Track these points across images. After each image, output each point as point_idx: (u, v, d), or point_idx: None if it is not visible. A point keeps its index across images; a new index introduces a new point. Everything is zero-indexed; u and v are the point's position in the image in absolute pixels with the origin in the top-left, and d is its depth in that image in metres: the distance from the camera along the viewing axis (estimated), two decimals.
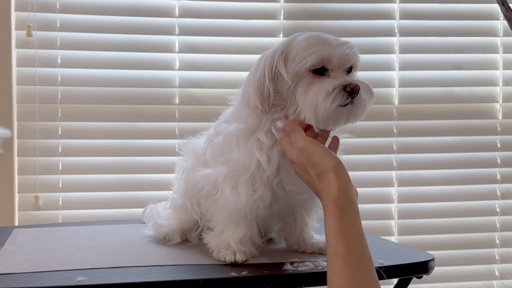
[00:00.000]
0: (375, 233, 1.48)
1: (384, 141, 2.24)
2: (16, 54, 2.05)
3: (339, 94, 0.99)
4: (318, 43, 1.02)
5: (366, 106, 1.03)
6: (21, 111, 2.05)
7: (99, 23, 2.08)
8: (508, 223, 2.33)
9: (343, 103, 0.99)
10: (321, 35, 1.04)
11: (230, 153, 1.08)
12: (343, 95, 0.99)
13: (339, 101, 0.99)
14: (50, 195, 2.07)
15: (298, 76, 1.02)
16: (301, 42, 1.03)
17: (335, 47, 1.02)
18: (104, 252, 1.16)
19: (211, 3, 2.13)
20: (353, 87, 1.00)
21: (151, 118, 2.11)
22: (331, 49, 1.02)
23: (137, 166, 2.11)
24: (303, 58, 1.01)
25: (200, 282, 0.99)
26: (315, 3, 2.19)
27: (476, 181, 2.31)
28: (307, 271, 1.03)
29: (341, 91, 0.99)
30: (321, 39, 1.03)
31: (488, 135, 2.31)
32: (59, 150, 2.06)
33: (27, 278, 0.99)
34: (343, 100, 0.99)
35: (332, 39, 1.04)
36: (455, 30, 2.28)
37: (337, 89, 0.99)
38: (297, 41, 1.03)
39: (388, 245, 1.30)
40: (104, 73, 2.09)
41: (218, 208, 1.11)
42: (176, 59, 2.12)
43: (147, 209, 1.43)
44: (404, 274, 1.12)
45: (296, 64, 1.02)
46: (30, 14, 2.03)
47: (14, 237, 1.32)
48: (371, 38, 2.22)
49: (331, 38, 1.04)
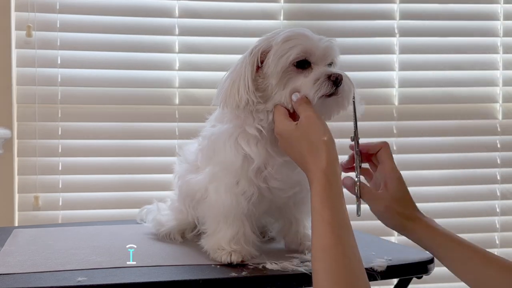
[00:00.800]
0: (375, 233, 1.48)
1: None
2: (16, 54, 2.05)
3: (324, 83, 1.01)
4: (299, 37, 1.04)
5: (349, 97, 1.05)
6: (21, 111, 2.05)
7: (99, 23, 2.08)
8: (508, 224, 2.33)
9: (328, 92, 1.01)
10: (301, 30, 1.06)
11: (217, 155, 1.09)
12: (328, 84, 1.01)
13: (324, 90, 1.01)
14: (50, 195, 2.07)
15: (281, 71, 1.03)
16: (281, 37, 1.04)
17: (316, 41, 1.04)
18: (104, 252, 1.16)
19: (211, 3, 2.13)
20: (337, 76, 1.01)
21: (151, 118, 2.11)
22: (313, 42, 1.04)
23: (137, 166, 2.11)
24: (286, 52, 1.03)
25: (200, 282, 0.99)
26: (315, 3, 2.19)
27: (476, 181, 2.31)
28: (307, 271, 1.03)
29: (326, 80, 1.01)
30: (302, 34, 1.05)
31: (488, 135, 2.31)
32: (59, 150, 2.06)
33: (27, 278, 0.99)
34: (328, 89, 1.01)
35: (312, 33, 1.05)
36: (455, 30, 2.28)
37: (321, 78, 1.01)
38: (277, 37, 1.05)
39: (388, 245, 1.30)
40: (104, 73, 2.09)
41: (207, 210, 1.12)
42: (176, 59, 2.12)
43: (144, 209, 1.44)
44: (404, 274, 1.12)
45: (278, 59, 1.03)
46: (30, 14, 2.03)
47: (14, 237, 1.32)
48: (371, 38, 2.22)
49: (311, 33, 1.06)
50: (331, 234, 0.89)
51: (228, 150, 1.07)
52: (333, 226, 0.90)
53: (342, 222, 0.91)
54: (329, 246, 0.88)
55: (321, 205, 0.92)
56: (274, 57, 1.03)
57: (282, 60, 1.03)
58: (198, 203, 1.16)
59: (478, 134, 2.30)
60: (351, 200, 1.05)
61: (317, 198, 0.93)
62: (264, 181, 1.08)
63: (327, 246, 0.88)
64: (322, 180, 0.93)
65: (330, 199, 0.92)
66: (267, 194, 1.10)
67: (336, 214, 0.91)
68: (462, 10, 2.29)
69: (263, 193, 1.09)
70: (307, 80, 1.02)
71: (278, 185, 1.08)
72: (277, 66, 1.03)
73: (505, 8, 2.30)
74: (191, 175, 1.16)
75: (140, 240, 1.29)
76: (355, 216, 1.02)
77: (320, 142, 0.96)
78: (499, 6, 2.30)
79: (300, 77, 1.03)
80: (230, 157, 1.06)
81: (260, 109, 1.05)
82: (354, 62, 2.16)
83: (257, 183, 1.07)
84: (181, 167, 1.24)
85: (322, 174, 0.94)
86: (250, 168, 1.06)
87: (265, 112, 1.05)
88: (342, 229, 0.90)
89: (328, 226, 0.90)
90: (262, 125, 1.06)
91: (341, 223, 0.91)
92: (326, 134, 0.97)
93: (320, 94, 1.01)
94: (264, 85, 1.05)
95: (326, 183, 0.93)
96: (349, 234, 0.91)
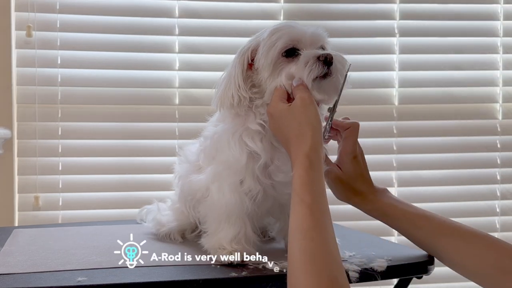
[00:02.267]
0: (375, 233, 1.48)
1: (384, 142, 2.23)
2: (16, 54, 2.05)
3: (314, 64, 1.01)
4: (284, 28, 1.05)
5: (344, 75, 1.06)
6: (21, 111, 2.05)
7: (99, 23, 2.08)
8: (508, 224, 2.33)
9: (321, 73, 1.02)
10: (286, 22, 1.08)
11: (220, 154, 1.10)
12: (318, 64, 1.01)
13: (316, 71, 1.01)
14: (50, 195, 2.07)
15: (272, 63, 1.04)
16: (268, 32, 1.06)
17: (302, 29, 1.05)
18: (104, 252, 1.16)
19: (211, 3, 2.13)
20: (326, 55, 1.02)
21: (151, 118, 2.11)
22: (299, 30, 1.05)
23: (137, 166, 2.11)
24: (273, 44, 1.04)
25: (200, 282, 0.99)
26: (315, 3, 2.19)
27: (476, 182, 2.31)
28: None
29: (316, 61, 1.01)
30: (287, 25, 1.07)
31: (488, 135, 2.31)
32: (59, 150, 2.06)
33: (27, 278, 0.99)
34: (320, 69, 1.01)
35: (298, 23, 1.07)
36: (455, 31, 2.28)
37: (311, 61, 1.01)
38: (264, 34, 1.06)
39: (388, 245, 1.30)
40: (104, 73, 2.09)
41: (209, 209, 1.12)
42: (176, 59, 2.12)
43: (144, 209, 1.44)
44: (404, 274, 1.12)
45: (267, 52, 1.04)
46: (30, 15, 2.03)
47: (14, 237, 1.32)
48: (371, 38, 2.22)
49: (296, 23, 1.07)
50: (310, 217, 0.89)
51: (233, 148, 1.07)
52: (313, 210, 0.90)
53: (322, 207, 0.92)
54: (307, 228, 0.88)
55: (302, 188, 0.92)
56: (263, 51, 1.05)
57: (271, 52, 1.04)
58: (198, 202, 1.16)
59: (478, 134, 2.30)
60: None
61: (299, 180, 0.93)
62: (269, 177, 1.08)
63: (305, 228, 0.88)
64: (305, 163, 0.94)
65: (312, 183, 0.93)
66: (271, 191, 1.10)
67: (316, 199, 0.92)
68: (462, 10, 2.29)
69: (267, 191, 1.09)
70: (298, 65, 1.02)
71: (282, 178, 1.08)
72: (267, 59, 1.04)
73: (505, 8, 2.30)
74: (193, 175, 1.16)
75: (140, 240, 1.28)
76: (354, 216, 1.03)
77: (308, 126, 0.97)
78: (499, 6, 2.30)
79: (291, 65, 1.04)
80: (235, 155, 1.07)
81: (259, 104, 1.07)
82: (354, 62, 2.15)
83: (262, 180, 1.07)
84: (182, 168, 1.24)
85: (305, 157, 0.95)
86: (257, 165, 1.06)
87: (265, 106, 1.06)
88: (321, 214, 0.91)
89: (307, 209, 0.90)
90: (264, 119, 1.07)
91: (321, 208, 0.91)
92: (315, 118, 0.99)
93: (314, 76, 1.01)
94: (259, 80, 1.07)
95: (309, 166, 0.94)
96: (327, 219, 0.91)
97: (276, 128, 1.03)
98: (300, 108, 0.99)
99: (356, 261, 1.09)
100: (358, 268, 1.04)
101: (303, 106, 0.99)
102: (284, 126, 1.01)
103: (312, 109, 0.99)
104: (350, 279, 1.03)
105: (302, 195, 0.92)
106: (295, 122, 0.99)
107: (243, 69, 1.07)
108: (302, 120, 0.98)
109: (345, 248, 1.16)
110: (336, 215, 2.00)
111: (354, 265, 1.05)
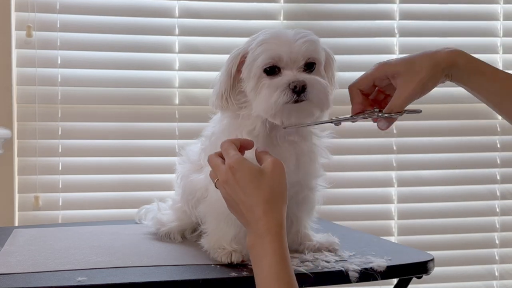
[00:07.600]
0: (375, 233, 1.48)
1: (384, 142, 2.23)
2: (16, 54, 2.05)
3: (284, 92, 1.00)
4: (269, 41, 1.03)
5: (322, 102, 1.03)
6: (21, 111, 2.05)
7: (99, 23, 2.08)
8: (507, 224, 2.32)
9: (289, 101, 1.00)
10: (276, 32, 1.05)
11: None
12: (287, 92, 1.00)
13: (284, 98, 1.00)
14: (50, 195, 2.07)
15: (255, 77, 1.04)
16: (256, 41, 1.04)
17: (285, 45, 1.02)
18: (104, 252, 1.16)
19: (211, 3, 2.13)
20: (296, 84, 1.00)
21: (151, 118, 2.11)
22: (281, 47, 1.02)
23: (137, 166, 2.11)
24: (257, 58, 1.03)
25: (200, 282, 0.99)
26: (315, 4, 2.19)
27: (476, 182, 2.31)
28: (307, 271, 1.03)
29: (286, 89, 1.00)
30: (274, 37, 1.03)
31: (488, 135, 2.31)
32: (59, 150, 2.06)
33: (27, 278, 1.00)
34: (288, 97, 1.00)
35: (287, 35, 1.03)
36: (455, 30, 2.28)
37: (280, 88, 1.00)
38: (254, 41, 1.05)
39: (388, 245, 1.30)
40: (104, 74, 2.09)
41: (208, 209, 1.12)
42: (176, 59, 2.12)
43: (142, 209, 1.44)
44: (404, 274, 1.12)
45: (251, 66, 1.04)
46: (30, 15, 2.03)
47: (14, 237, 1.32)
48: (371, 38, 2.22)
49: (285, 35, 1.04)
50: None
51: None
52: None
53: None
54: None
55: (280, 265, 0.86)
56: (248, 62, 1.04)
57: (254, 66, 1.03)
58: (198, 201, 1.16)
59: (478, 134, 2.30)
60: None
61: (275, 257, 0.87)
62: None
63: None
64: (279, 238, 0.88)
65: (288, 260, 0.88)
66: None
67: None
68: (462, 10, 2.29)
69: None
70: (268, 91, 1.01)
71: None
72: (250, 72, 1.04)
73: (505, 8, 2.30)
74: (195, 175, 1.16)
75: (140, 239, 1.29)
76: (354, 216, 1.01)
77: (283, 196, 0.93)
78: (499, 6, 2.30)
79: (266, 85, 1.03)
80: None
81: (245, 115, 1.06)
82: (354, 62, 2.15)
83: None
84: (183, 167, 1.24)
85: (280, 230, 0.89)
86: None
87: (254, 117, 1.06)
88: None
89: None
90: (256, 126, 1.06)
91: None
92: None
93: (281, 103, 1.00)
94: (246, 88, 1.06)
95: (283, 242, 0.89)
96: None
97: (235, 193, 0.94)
98: (276, 174, 0.94)
99: (356, 261, 1.09)
100: (358, 268, 1.05)
101: (279, 171, 0.94)
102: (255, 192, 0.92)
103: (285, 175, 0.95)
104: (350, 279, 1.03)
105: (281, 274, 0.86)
106: (269, 189, 0.92)
107: (231, 75, 1.06)
108: (281, 187, 0.93)
109: (345, 248, 1.17)
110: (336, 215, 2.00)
111: (354, 265, 1.06)
